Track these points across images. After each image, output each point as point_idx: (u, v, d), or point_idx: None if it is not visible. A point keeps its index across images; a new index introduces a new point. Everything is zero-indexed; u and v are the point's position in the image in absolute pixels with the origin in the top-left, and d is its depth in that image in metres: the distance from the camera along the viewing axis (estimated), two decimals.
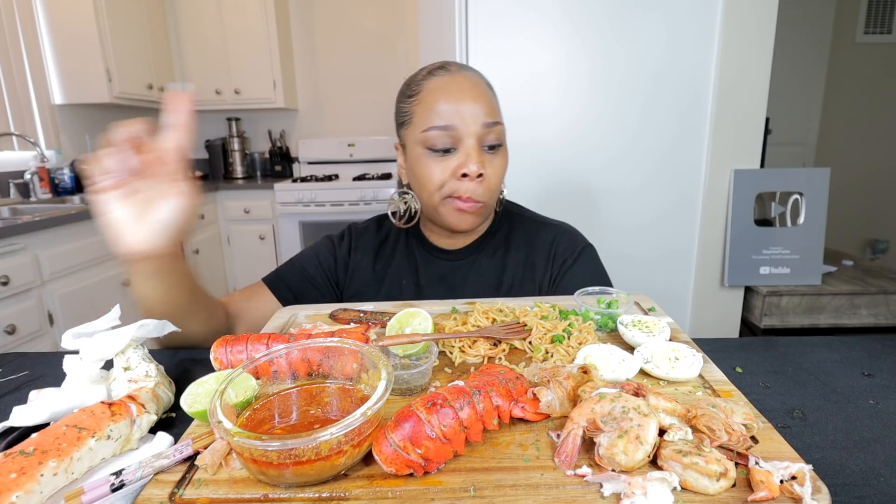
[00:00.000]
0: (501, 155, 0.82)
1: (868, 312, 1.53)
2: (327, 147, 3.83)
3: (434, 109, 0.78)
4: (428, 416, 0.40)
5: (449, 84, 0.79)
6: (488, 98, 0.80)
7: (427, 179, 0.81)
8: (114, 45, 2.79)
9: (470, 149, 0.78)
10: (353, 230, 0.98)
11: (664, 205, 1.54)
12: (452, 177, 0.79)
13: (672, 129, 1.49)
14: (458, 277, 0.90)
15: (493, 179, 0.81)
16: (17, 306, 1.81)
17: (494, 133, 0.80)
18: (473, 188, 0.79)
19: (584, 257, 0.90)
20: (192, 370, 0.66)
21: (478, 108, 0.78)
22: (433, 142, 0.79)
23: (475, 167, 0.77)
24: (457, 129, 0.78)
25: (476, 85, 0.80)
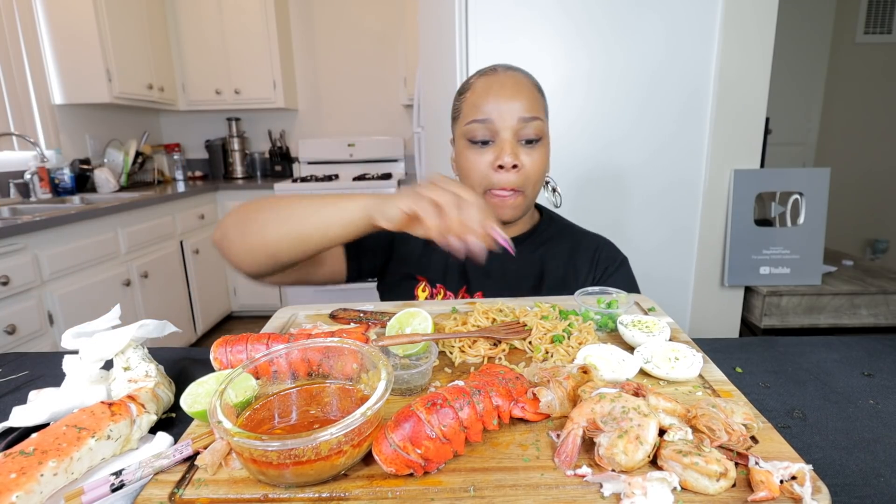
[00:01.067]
0: (540, 149, 0.85)
1: (868, 312, 1.53)
2: (327, 147, 3.83)
3: (476, 104, 0.84)
4: (428, 416, 0.40)
5: (492, 82, 0.85)
6: (528, 95, 0.84)
7: (468, 170, 0.87)
8: (114, 45, 2.79)
9: (505, 142, 0.82)
10: None
11: (664, 204, 1.54)
12: (490, 168, 0.84)
13: (672, 129, 1.49)
14: (496, 265, 0.92)
15: (531, 170, 0.84)
16: (17, 306, 1.81)
17: (532, 127, 0.83)
18: (510, 178, 0.83)
19: (623, 269, 0.96)
20: (192, 370, 0.66)
21: (515, 103, 0.82)
22: (473, 134, 0.84)
23: (509, 158, 0.81)
24: (493, 123, 0.82)
25: (517, 83, 0.84)
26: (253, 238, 0.75)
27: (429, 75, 1.92)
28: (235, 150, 3.82)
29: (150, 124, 3.70)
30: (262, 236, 0.74)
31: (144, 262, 2.57)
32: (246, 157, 3.89)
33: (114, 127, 3.29)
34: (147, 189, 3.12)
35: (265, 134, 3.90)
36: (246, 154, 3.89)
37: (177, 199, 2.90)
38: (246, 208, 0.77)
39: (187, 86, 3.50)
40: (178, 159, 3.65)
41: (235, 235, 0.76)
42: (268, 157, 3.89)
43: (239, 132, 3.81)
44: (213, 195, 3.36)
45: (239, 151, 3.83)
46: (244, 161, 3.87)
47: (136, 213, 2.52)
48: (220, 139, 3.83)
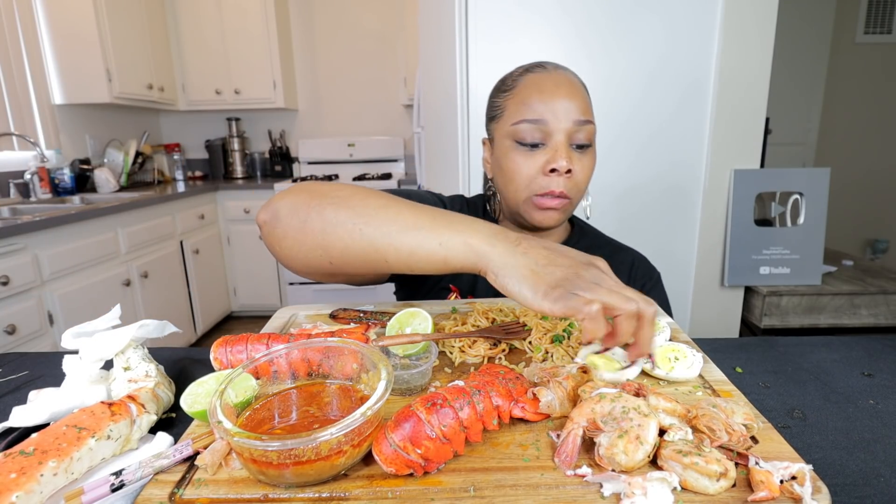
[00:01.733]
0: (590, 155, 0.81)
1: (868, 312, 1.53)
2: (327, 147, 3.83)
3: (527, 103, 0.79)
4: (428, 416, 0.40)
5: (544, 80, 0.79)
6: (582, 97, 0.80)
7: (515, 173, 0.81)
8: (114, 45, 2.79)
9: (559, 144, 0.77)
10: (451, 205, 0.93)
11: (664, 205, 1.54)
12: (540, 172, 0.79)
13: (671, 129, 1.49)
14: None
15: (581, 177, 0.80)
16: (17, 306, 1.81)
17: (585, 132, 0.78)
18: (563, 183, 0.78)
19: (658, 285, 0.93)
20: (192, 370, 0.66)
21: (571, 105, 0.77)
22: (523, 135, 0.79)
23: (564, 163, 0.76)
24: (547, 124, 0.77)
25: (571, 83, 0.80)
26: (313, 237, 0.60)
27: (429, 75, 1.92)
28: (235, 150, 3.82)
29: (150, 124, 3.70)
30: (324, 239, 0.60)
31: (144, 262, 2.57)
32: (246, 157, 3.89)
33: (114, 127, 3.29)
34: (147, 189, 3.13)
35: (265, 134, 3.90)
36: (246, 154, 3.89)
37: (177, 199, 2.90)
38: (310, 192, 0.62)
39: (187, 86, 3.51)
40: (178, 159, 3.65)
41: (291, 225, 0.62)
42: (268, 157, 3.89)
43: (239, 132, 3.81)
44: (213, 195, 3.36)
45: (239, 151, 3.83)
46: (244, 161, 3.87)
47: (136, 213, 2.52)
48: (220, 139, 3.83)
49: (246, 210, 3.40)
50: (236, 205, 3.41)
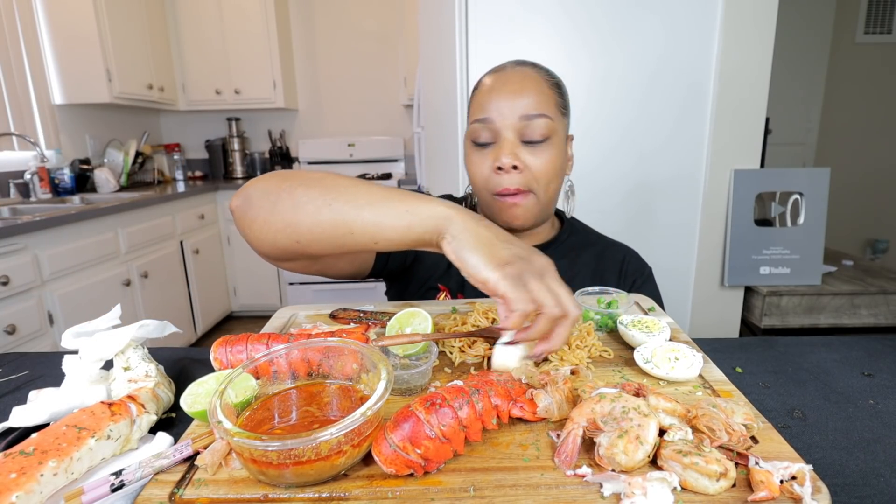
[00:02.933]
0: (548, 149, 0.79)
1: (868, 312, 1.53)
2: (327, 147, 3.83)
3: (479, 103, 0.80)
4: (427, 416, 0.40)
5: (496, 80, 0.80)
6: (535, 91, 0.78)
7: (472, 174, 0.83)
8: (114, 45, 2.79)
9: (505, 141, 0.78)
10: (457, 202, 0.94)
11: (664, 205, 1.54)
12: (491, 171, 0.79)
13: (672, 129, 1.49)
14: None
15: (537, 171, 0.78)
16: (17, 306, 1.81)
17: (535, 126, 0.77)
18: (512, 179, 0.78)
19: (650, 281, 0.93)
20: (192, 370, 0.66)
21: (518, 101, 0.77)
22: (476, 134, 0.80)
23: (507, 159, 0.76)
24: (493, 122, 0.78)
25: (524, 79, 0.79)
26: (282, 216, 0.61)
27: (429, 75, 1.92)
28: (235, 150, 3.82)
29: (150, 124, 3.70)
30: (293, 216, 0.60)
31: (144, 262, 2.57)
32: (246, 157, 3.89)
33: (114, 127, 3.29)
34: (147, 189, 3.13)
35: (265, 134, 3.90)
36: (246, 154, 3.89)
37: (177, 199, 2.90)
38: (282, 176, 0.63)
39: (187, 86, 3.51)
40: (178, 159, 3.65)
41: (260, 207, 0.62)
42: (268, 157, 3.89)
43: (239, 132, 3.81)
44: (213, 195, 3.36)
45: (239, 151, 3.83)
46: (244, 161, 3.87)
47: (136, 213, 2.52)
48: (220, 139, 3.83)
49: None
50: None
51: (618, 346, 0.63)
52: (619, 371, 0.57)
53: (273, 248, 0.64)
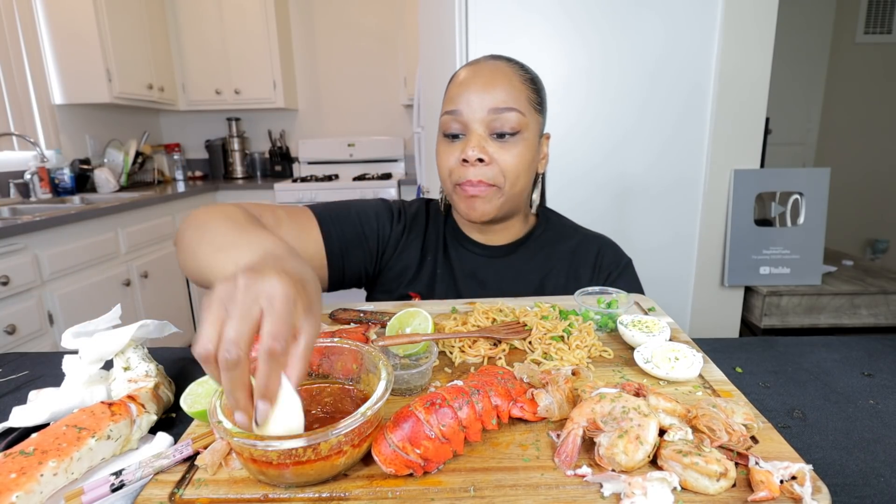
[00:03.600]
0: (517, 144, 0.78)
1: (868, 312, 1.53)
2: (327, 147, 3.83)
3: (451, 96, 0.80)
4: (427, 416, 0.40)
5: (468, 73, 0.80)
6: (506, 85, 0.78)
7: (439, 165, 0.82)
8: (114, 45, 2.78)
9: (472, 134, 0.77)
10: (407, 209, 0.94)
11: (664, 204, 1.54)
12: (457, 163, 0.79)
13: (672, 129, 1.49)
14: (490, 274, 0.88)
15: (506, 165, 0.78)
16: (17, 306, 1.81)
17: (504, 120, 0.77)
18: (481, 172, 0.77)
19: (627, 272, 0.92)
20: (192, 370, 0.66)
21: (487, 94, 0.77)
22: (445, 126, 0.80)
23: (472, 152, 0.76)
24: (462, 115, 0.78)
25: (494, 71, 0.79)
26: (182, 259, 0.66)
27: (429, 75, 1.92)
28: (235, 150, 3.82)
29: (150, 124, 3.70)
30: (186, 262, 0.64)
31: (144, 262, 2.57)
32: (246, 157, 3.89)
33: (114, 127, 3.29)
34: (147, 189, 3.12)
35: (265, 134, 3.90)
36: (246, 154, 3.89)
37: (177, 199, 2.90)
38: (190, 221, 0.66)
39: (187, 86, 3.51)
40: (178, 159, 3.65)
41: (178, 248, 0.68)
42: (268, 157, 3.89)
43: (239, 132, 3.81)
44: (213, 195, 3.36)
45: (239, 151, 3.83)
46: (244, 161, 3.87)
47: (136, 213, 2.52)
48: (220, 139, 3.83)
49: None
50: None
51: (618, 346, 0.63)
52: (619, 371, 0.57)
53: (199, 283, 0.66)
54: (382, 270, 0.91)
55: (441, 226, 0.93)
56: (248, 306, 0.37)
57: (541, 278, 0.89)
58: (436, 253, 0.91)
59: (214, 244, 0.58)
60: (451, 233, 0.92)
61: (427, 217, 0.94)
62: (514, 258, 0.90)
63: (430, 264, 0.90)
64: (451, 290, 0.88)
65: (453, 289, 0.88)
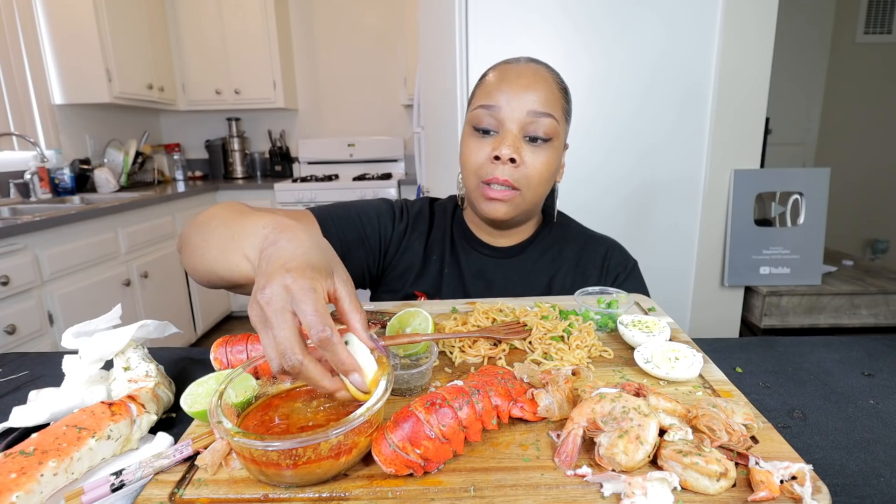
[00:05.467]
0: (547, 150, 0.78)
1: (868, 312, 1.53)
2: (327, 147, 3.83)
3: (487, 90, 0.79)
4: (427, 416, 0.40)
5: (509, 70, 0.80)
6: (545, 89, 0.77)
7: (466, 158, 0.81)
8: (114, 45, 2.79)
9: (508, 132, 0.77)
10: (409, 208, 0.94)
11: (664, 204, 1.54)
12: (488, 160, 0.78)
13: (672, 129, 1.49)
14: (498, 275, 0.88)
15: (533, 171, 0.77)
16: (17, 306, 1.81)
17: (541, 125, 0.76)
18: (508, 172, 0.77)
19: (633, 274, 0.92)
20: (192, 370, 0.66)
21: (528, 95, 0.76)
22: (478, 120, 0.79)
23: (507, 150, 0.75)
24: (500, 110, 0.77)
25: (535, 74, 0.78)
26: (190, 262, 0.66)
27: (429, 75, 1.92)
28: (235, 150, 3.82)
29: (150, 124, 3.70)
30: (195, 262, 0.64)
31: (144, 262, 2.57)
32: (246, 157, 3.89)
33: (114, 127, 3.29)
34: (147, 189, 3.13)
35: (265, 134, 3.90)
36: (246, 154, 3.89)
37: (177, 199, 2.90)
38: (195, 221, 0.67)
39: (187, 86, 3.51)
40: (178, 159, 3.65)
41: (183, 252, 0.68)
42: (268, 157, 3.89)
43: (239, 132, 3.81)
44: (213, 195, 3.36)
45: (239, 151, 3.83)
46: (244, 161, 3.87)
47: (136, 213, 2.52)
48: (220, 139, 3.83)
49: None
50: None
51: (618, 346, 0.63)
52: (619, 371, 0.57)
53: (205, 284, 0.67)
54: (386, 270, 0.91)
55: (448, 225, 0.93)
56: (280, 318, 0.40)
57: (549, 279, 0.89)
58: (442, 252, 0.90)
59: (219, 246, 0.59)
60: (459, 232, 0.92)
61: (431, 216, 0.94)
62: (521, 259, 0.90)
63: (436, 263, 0.89)
64: (459, 289, 0.88)
65: (461, 289, 0.88)
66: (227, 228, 0.59)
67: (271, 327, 0.40)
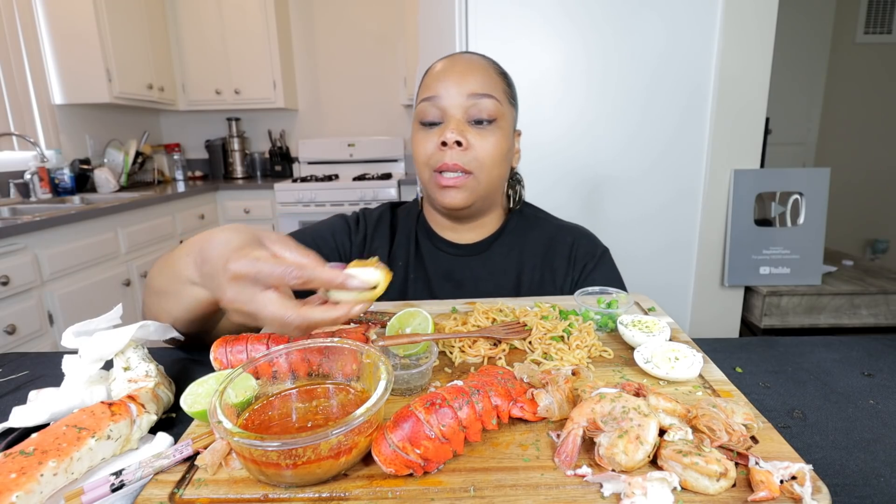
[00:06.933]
0: (494, 132, 0.79)
1: (868, 312, 1.53)
2: (327, 147, 3.83)
3: (427, 84, 0.82)
4: (427, 416, 0.40)
5: (444, 64, 0.83)
6: (482, 73, 0.80)
7: (417, 152, 0.83)
8: (114, 45, 2.79)
9: (451, 118, 0.79)
10: (367, 217, 0.95)
11: (664, 205, 1.54)
12: (436, 148, 0.79)
13: (672, 129, 1.49)
14: (466, 274, 0.88)
15: (482, 152, 0.79)
16: (17, 306, 1.81)
17: (482, 106, 0.78)
18: (457, 156, 0.78)
19: (603, 262, 0.91)
20: (192, 370, 0.66)
21: (466, 80, 0.79)
22: (423, 114, 0.81)
23: (452, 134, 0.77)
24: (441, 99, 0.79)
25: (470, 62, 0.81)
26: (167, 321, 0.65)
27: None
28: (235, 150, 3.82)
29: (150, 124, 3.70)
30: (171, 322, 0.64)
31: (144, 262, 2.57)
32: (246, 157, 3.89)
33: (114, 127, 3.29)
34: (147, 189, 3.13)
35: (265, 134, 3.90)
36: (246, 154, 3.89)
37: (177, 199, 2.90)
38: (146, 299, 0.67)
39: (187, 86, 3.51)
40: (178, 159, 3.65)
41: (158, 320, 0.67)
42: (268, 157, 3.89)
43: (239, 132, 3.81)
44: (213, 195, 3.36)
45: (239, 151, 3.83)
46: (244, 161, 3.87)
47: (136, 213, 2.52)
48: (220, 139, 3.83)
49: (246, 210, 3.40)
50: (236, 205, 3.41)
51: (618, 346, 0.63)
52: (619, 371, 0.57)
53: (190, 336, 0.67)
54: None
55: (412, 228, 0.93)
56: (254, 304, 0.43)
57: (517, 274, 0.89)
58: (407, 256, 0.90)
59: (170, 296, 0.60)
60: (423, 233, 0.92)
61: (393, 219, 0.95)
62: (487, 255, 0.90)
63: (402, 270, 0.90)
64: (426, 292, 0.88)
65: (427, 291, 0.88)
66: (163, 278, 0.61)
67: (257, 316, 0.43)
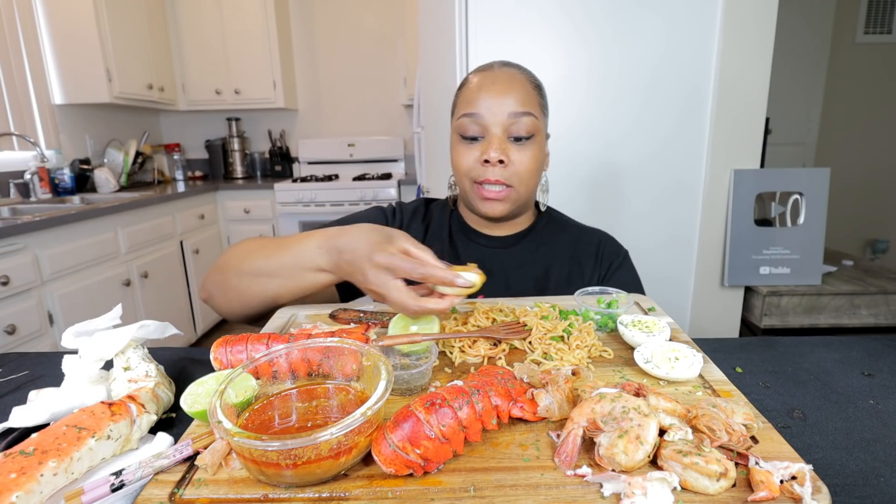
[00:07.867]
0: (531, 147, 0.83)
1: (868, 312, 1.53)
2: (327, 147, 3.83)
3: (469, 99, 0.84)
4: (427, 416, 0.40)
5: (484, 78, 0.85)
6: (521, 90, 0.82)
7: (457, 164, 0.87)
8: (114, 45, 2.79)
9: (493, 137, 0.82)
10: (403, 210, 1.00)
11: (664, 204, 1.54)
12: (478, 163, 0.83)
13: (672, 129, 1.49)
14: (496, 264, 0.92)
15: (521, 167, 0.82)
16: (17, 306, 1.81)
17: (523, 124, 0.81)
18: (499, 173, 0.82)
19: (626, 263, 0.96)
20: (192, 370, 0.66)
21: (506, 99, 0.81)
22: (464, 129, 0.84)
23: (495, 154, 0.80)
24: (482, 118, 0.82)
25: (510, 78, 0.83)
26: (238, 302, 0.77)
27: (429, 75, 1.92)
28: (235, 150, 3.82)
29: (150, 124, 3.70)
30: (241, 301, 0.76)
31: (144, 262, 2.57)
32: (246, 157, 3.89)
33: (114, 127, 3.29)
34: (147, 189, 3.13)
35: (265, 134, 3.90)
36: (246, 154, 3.89)
37: (177, 199, 2.90)
38: (221, 268, 0.78)
39: (187, 86, 3.51)
40: (178, 159, 3.65)
41: (221, 300, 0.79)
42: (268, 157, 3.89)
43: (239, 132, 3.81)
44: (213, 195, 3.36)
45: (239, 151, 3.83)
46: (244, 161, 3.87)
47: (136, 213, 2.52)
48: (220, 139, 3.83)
49: (246, 210, 3.40)
50: (236, 205, 3.41)
51: (618, 346, 0.63)
52: (619, 371, 0.57)
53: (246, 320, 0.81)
54: None
55: (446, 220, 0.98)
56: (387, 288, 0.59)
57: (545, 268, 0.93)
58: (441, 246, 0.95)
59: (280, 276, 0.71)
60: (457, 226, 0.97)
61: (427, 213, 1.00)
62: (518, 249, 0.94)
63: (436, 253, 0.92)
64: None
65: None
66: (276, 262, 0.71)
67: (386, 297, 0.59)
